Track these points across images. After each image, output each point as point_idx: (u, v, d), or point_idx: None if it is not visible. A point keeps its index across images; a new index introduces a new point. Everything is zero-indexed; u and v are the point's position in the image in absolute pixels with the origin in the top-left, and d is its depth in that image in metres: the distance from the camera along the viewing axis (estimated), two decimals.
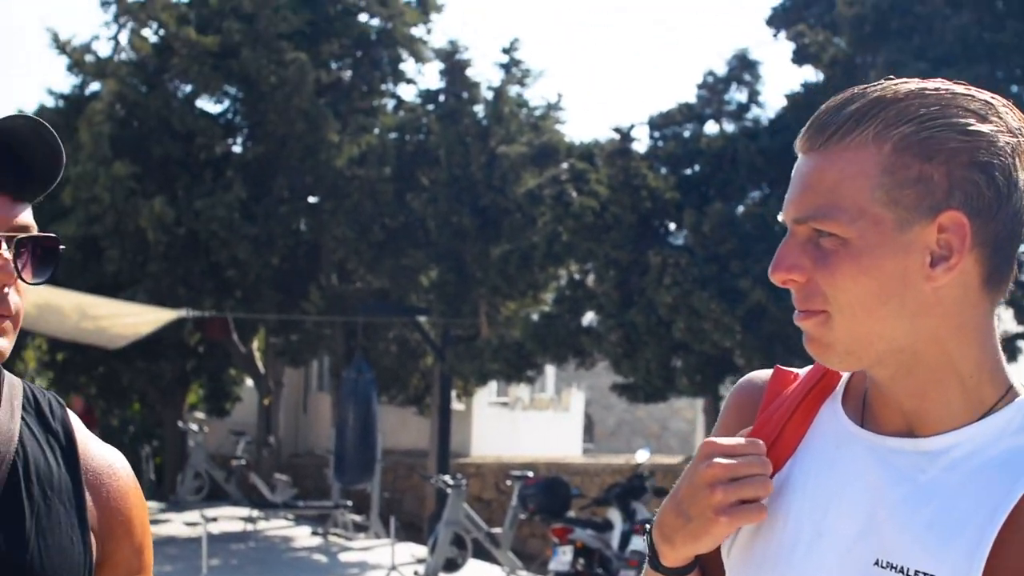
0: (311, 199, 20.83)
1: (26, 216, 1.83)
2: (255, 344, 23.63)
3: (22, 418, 1.90)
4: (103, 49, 22.68)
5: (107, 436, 25.55)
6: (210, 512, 16.43)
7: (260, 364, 23.32)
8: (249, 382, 26.76)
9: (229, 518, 19.82)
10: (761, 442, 1.61)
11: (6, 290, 1.79)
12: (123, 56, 21.67)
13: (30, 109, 22.88)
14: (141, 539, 2.01)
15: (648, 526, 1.67)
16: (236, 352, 22.41)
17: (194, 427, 23.35)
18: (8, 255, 1.78)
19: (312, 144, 19.70)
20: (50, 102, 22.80)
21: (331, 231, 19.66)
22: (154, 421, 27.36)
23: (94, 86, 22.21)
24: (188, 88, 21.22)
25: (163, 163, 20.39)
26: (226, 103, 21.79)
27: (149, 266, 19.66)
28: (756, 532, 1.63)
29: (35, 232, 1.83)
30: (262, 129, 20.32)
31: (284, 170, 20.33)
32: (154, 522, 20.28)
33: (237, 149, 21.70)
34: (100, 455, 1.99)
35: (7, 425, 1.87)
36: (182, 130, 20.42)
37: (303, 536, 19.09)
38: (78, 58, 22.10)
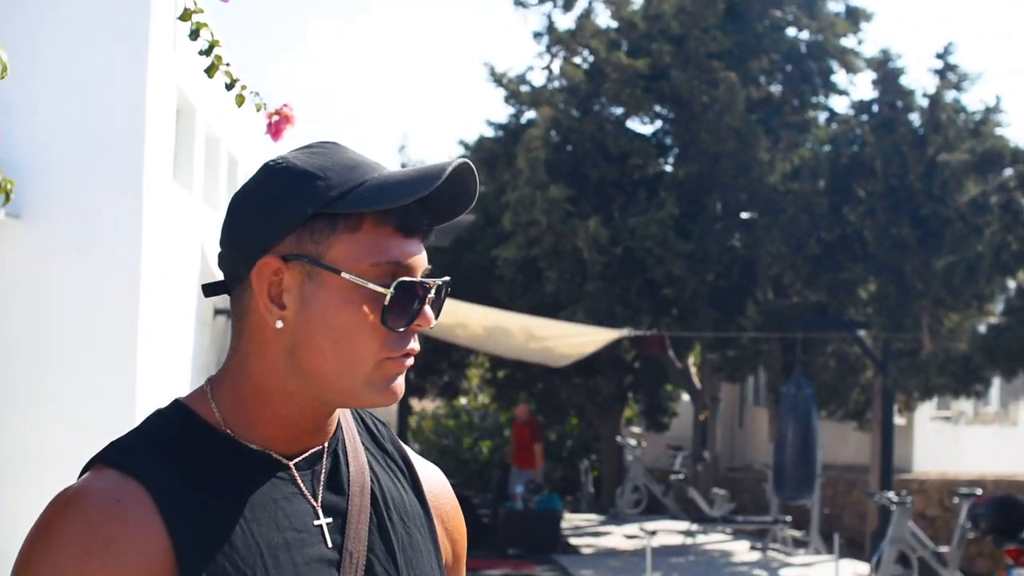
0: (744, 215, 20.80)
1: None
2: (691, 360, 23.83)
3: (362, 443, 1.81)
4: (537, 79, 23.45)
5: (546, 450, 26.49)
6: (649, 526, 16.70)
7: (696, 379, 23.52)
8: (685, 397, 27.03)
9: (668, 531, 20.10)
10: None
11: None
12: (556, 84, 22.34)
13: (471, 140, 24.01)
14: (463, 555, 1.94)
15: None
16: (672, 368, 22.66)
17: (632, 441, 23.66)
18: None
19: (744, 161, 19.70)
20: (489, 132, 23.82)
21: (766, 246, 19.55)
22: (591, 435, 27.94)
23: (529, 114, 22.99)
24: (619, 111, 21.61)
25: (598, 185, 20.79)
26: (657, 124, 22.10)
27: (587, 285, 19.92)
28: None
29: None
30: (694, 148, 20.44)
31: (717, 187, 20.41)
32: (595, 534, 20.83)
33: (668, 168, 21.94)
34: (430, 475, 1.90)
35: (356, 455, 1.78)
36: (615, 152, 20.80)
37: (742, 551, 19.11)
38: (514, 88, 22.97)
